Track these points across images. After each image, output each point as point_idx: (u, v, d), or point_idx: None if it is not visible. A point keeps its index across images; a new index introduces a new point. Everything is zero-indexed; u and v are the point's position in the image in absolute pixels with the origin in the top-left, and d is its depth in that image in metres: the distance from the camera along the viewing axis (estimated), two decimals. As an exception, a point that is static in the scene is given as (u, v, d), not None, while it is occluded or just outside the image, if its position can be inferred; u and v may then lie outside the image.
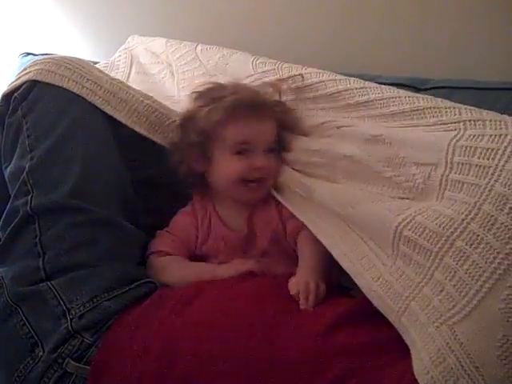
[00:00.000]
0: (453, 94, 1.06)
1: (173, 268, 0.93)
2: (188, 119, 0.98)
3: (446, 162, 0.72)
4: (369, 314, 0.73)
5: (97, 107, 0.97)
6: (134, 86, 1.21)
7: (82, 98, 0.96)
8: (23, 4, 1.80)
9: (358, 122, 0.91)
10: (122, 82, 1.06)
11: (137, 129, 1.01)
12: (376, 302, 0.72)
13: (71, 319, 0.80)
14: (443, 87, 1.11)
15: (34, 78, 0.96)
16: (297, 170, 0.96)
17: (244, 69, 1.11)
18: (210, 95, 0.97)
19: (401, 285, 0.69)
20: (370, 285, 0.73)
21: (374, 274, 0.74)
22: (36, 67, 0.98)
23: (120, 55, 1.48)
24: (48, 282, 0.83)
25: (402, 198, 0.77)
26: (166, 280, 0.90)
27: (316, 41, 1.40)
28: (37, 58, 1.03)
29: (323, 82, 0.98)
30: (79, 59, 1.03)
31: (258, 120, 0.94)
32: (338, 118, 0.94)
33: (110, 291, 0.84)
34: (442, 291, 0.63)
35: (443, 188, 0.71)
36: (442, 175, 0.72)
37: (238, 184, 0.95)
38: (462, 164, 0.70)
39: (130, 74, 1.41)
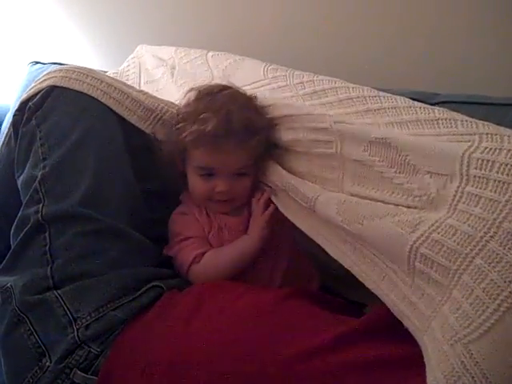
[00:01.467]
0: (461, 109, 1.05)
1: (216, 263, 0.95)
2: (175, 123, 1.00)
3: (462, 174, 0.69)
4: (377, 332, 0.73)
5: (109, 117, 0.98)
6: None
7: (96, 107, 0.97)
8: (32, 13, 1.81)
9: (356, 121, 0.89)
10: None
11: (148, 130, 1.03)
12: (405, 323, 0.71)
13: (77, 329, 0.80)
14: (451, 102, 1.11)
15: (56, 84, 0.97)
16: (299, 175, 0.95)
17: (254, 73, 1.12)
18: (194, 111, 0.97)
19: (424, 304, 0.68)
20: (398, 305, 0.72)
21: (398, 295, 0.72)
22: (59, 74, 0.99)
23: (129, 64, 1.48)
24: (55, 291, 0.83)
25: (410, 207, 0.75)
26: (219, 275, 0.93)
27: (323, 51, 1.40)
28: (52, 68, 1.03)
29: (335, 88, 0.97)
30: (95, 70, 1.04)
31: (221, 150, 0.94)
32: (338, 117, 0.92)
33: (116, 300, 0.84)
34: (458, 309, 0.61)
35: (457, 200, 0.69)
36: (458, 187, 0.69)
37: (206, 200, 1.00)
38: (480, 177, 0.67)
39: (139, 84, 1.41)
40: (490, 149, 0.69)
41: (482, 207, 0.65)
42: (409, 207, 0.75)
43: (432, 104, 1.10)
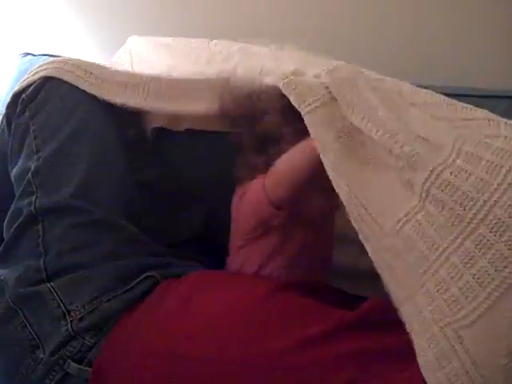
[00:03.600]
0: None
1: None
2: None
3: (453, 147, 0.67)
4: (373, 323, 0.73)
5: (102, 109, 0.98)
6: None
7: (90, 99, 0.96)
8: (23, 4, 1.80)
9: None
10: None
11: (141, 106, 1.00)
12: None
13: (71, 321, 0.81)
14: (441, 93, 1.12)
15: (50, 75, 0.97)
16: None
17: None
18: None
19: (408, 271, 0.67)
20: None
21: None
22: (52, 65, 0.98)
23: (120, 56, 1.47)
24: (48, 283, 0.84)
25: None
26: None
27: (315, 40, 1.40)
28: (44, 59, 1.03)
29: None
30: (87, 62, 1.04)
31: None
32: None
33: (109, 291, 0.84)
34: (446, 291, 0.62)
35: (443, 167, 0.66)
36: (448, 157, 0.66)
37: None
38: (472, 155, 0.65)
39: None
40: (489, 135, 0.69)
41: (472, 185, 0.63)
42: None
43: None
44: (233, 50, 1.12)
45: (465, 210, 0.62)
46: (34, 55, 1.62)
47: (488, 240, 0.60)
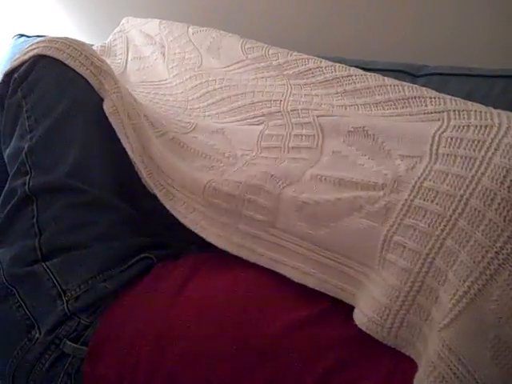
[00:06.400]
0: (448, 81, 1.07)
1: None
2: None
3: (431, 153, 0.70)
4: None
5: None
6: (130, 76, 1.21)
7: (82, 78, 0.95)
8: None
9: (338, 111, 0.91)
10: None
11: None
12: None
13: (67, 301, 0.80)
14: (438, 74, 1.12)
15: (41, 53, 0.95)
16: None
17: (235, 53, 1.13)
18: None
19: (387, 298, 0.67)
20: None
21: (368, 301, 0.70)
22: (42, 44, 0.97)
23: (115, 39, 1.46)
24: (43, 263, 0.83)
25: (375, 186, 0.73)
26: None
27: (311, 24, 1.39)
28: (37, 39, 1.01)
29: (310, 69, 0.99)
30: (78, 41, 1.02)
31: None
32: (319, 104, 0.94)
33: (105, 271, 0.84)
34: (437, 298, 0.61)
35: (423, 178, 0.69)
36: (426, 166, 0.70)
37: None
38: (448, 155, 0.68)
39: (127, 60, 1.40)
40: (459, 126, 0.71)
41: (449, 183, 0.65)
42: (374, 186, 0.74)
43: (420, 76, 1.11)
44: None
45: (445, 209, 0.63)
46: (27, 37, 1.61)
47: (467, 233, 0.60)
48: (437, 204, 0.65)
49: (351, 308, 0.73)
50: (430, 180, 0.67)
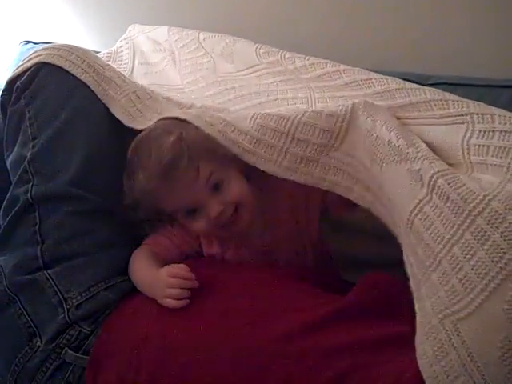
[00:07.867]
0: (455, 91, 1.05)
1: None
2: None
3: (465, 161, 0.71)
4: (365, 311, 0.73)
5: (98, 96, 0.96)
6: (138, 80, 1.21)
7: (86, 86, 0.95)
8: (24, -8, 1.79)
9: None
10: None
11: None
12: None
13: (68, 309, 0.81)
14: (445, 83, 1.11)
15: (43, 61, 0.95)
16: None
17: (249, 58, 1.11)
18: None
19: (415, 265, 0.68)
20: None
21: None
22: (45, 51, 0.97)
23: (122, 45, 1.46)
24: (45, 271, 0.83)
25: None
26: None
27: (320, 35, 1.39)
28: (41, 46, 1.02)
29: (328, 73, 0.97)
30: (81, 48, 1.02)
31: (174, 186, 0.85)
32: None
33: (107, 280, 0.84)
34: (448, 282, 0.61)
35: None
36: (466, 173, 0.70)
37: (214, 231, 0.89)
38: (479, 164, 0.69)
39: (133, 66, 1.39)
40: (484, 131, 0.71)
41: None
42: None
43: (427, 85, 1.10)
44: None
45: (465, 202, 0.62)
46: (34, 43, 1.62)
47: (485, 232, 0.60)
48: (458, 195, 0.64)
49: (354, 314, 0.73)
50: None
